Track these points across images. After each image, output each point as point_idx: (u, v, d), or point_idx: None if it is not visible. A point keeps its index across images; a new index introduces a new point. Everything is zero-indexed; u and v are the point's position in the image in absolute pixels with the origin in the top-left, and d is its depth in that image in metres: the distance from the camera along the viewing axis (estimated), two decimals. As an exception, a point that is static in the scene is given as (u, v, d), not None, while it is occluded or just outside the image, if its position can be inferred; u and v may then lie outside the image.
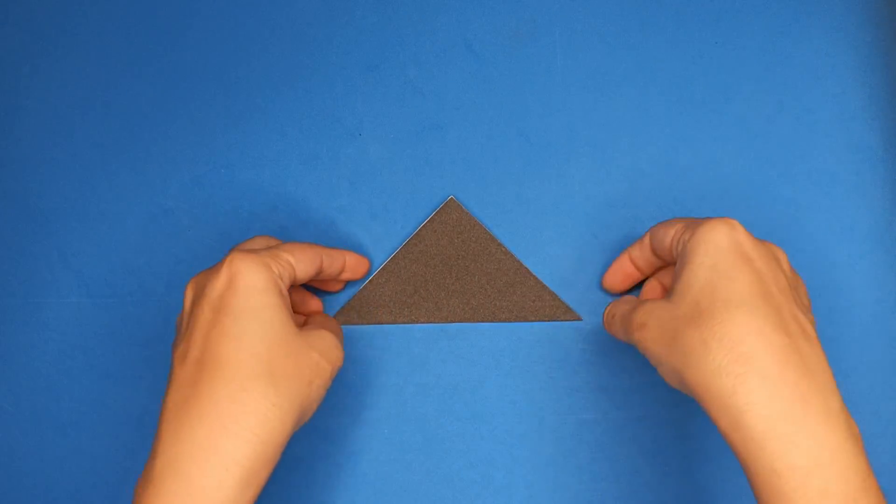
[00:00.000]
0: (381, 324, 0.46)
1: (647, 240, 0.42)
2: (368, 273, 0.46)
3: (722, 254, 0.35)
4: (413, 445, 0.46)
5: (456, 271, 0.46)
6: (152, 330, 0.47)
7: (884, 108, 0.47)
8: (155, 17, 0.49)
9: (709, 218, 0.37)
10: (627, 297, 0.42)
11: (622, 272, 0.44)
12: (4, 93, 0.49)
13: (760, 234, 0.46)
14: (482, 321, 0.46)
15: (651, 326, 0.36)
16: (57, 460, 0.46)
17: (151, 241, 0.47)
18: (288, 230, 0.47)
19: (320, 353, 0.37)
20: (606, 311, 0.42)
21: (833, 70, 0.48)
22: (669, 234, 0.39)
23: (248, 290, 0.36)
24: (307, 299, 0.45)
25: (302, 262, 0.40)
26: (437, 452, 0.45)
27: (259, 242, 0.41)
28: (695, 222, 0.37)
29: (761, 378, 0.32)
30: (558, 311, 0.46)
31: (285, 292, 0.38)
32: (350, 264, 0.44)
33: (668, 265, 0.43)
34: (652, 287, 0.44)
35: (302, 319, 0.44)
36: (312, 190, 0.48)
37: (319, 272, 0.42)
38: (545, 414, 0.46)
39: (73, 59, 0.49)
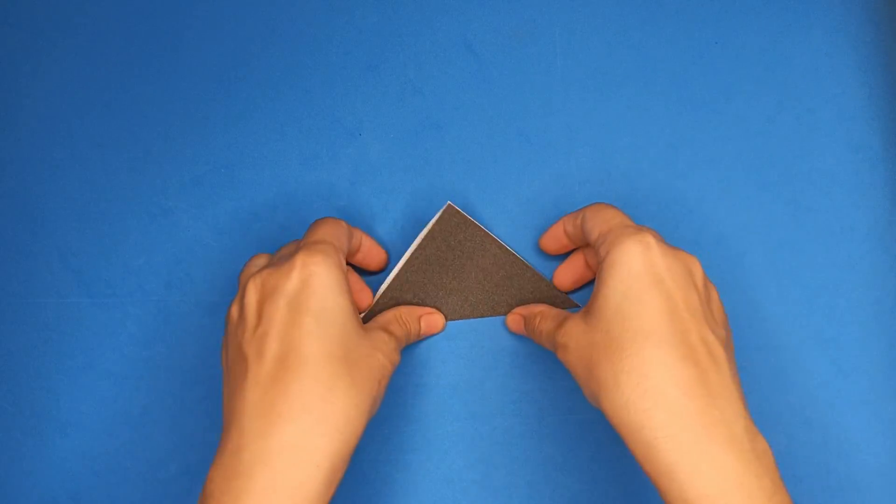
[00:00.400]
0: None
1: (580, 220, 0.41)
2: (378, 283, 0.46)
3: (634, 279, 0.35)
4: (413, 445, 0.46)
5: (453, 271, 0.46)
6: (152, 330, 0.47)
7: (884, 108, 0.47)
8: (155, 17, 0.49)
9: (625, 230, 0.37)
10: (551, 313, 0.42)
11: (556, 239, 0.44)
12: (4, 93, 0.49)
13: (761, 233, 0.46)
14: (481, 316, 0.46)
15: (571, 349, 0.37)
16: (57, 460, 0.46)
17: (151, 241, 0.47)
18: (288, 230, 0.47)
19: (384, 354, 0.39)
20: (535, 327, 0.42)
21: (833, 70, 0.48)
22: (594, 233, 0.39)
23: (324, 291, 0.37)
24: (358, 291, 0.45)
25: (344, 247, 0.41)
26: (437, 452, 0.45)
27: (291, 248, 0.41)
28: (613, 234, 0.37)
29: (667, 413, 0.33)
30: (556, 299, 0.46)
31: (350, 289, 0.39)
32: (366, 245, 0.45)
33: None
34: (575, 265, 0.45)
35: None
36: (312, 190, 0.48)
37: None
38: (545, 414, 0.46)
39: (73, 59, 0.49)
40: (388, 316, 0.43)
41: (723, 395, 0.34)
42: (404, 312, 0.44)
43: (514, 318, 0.45)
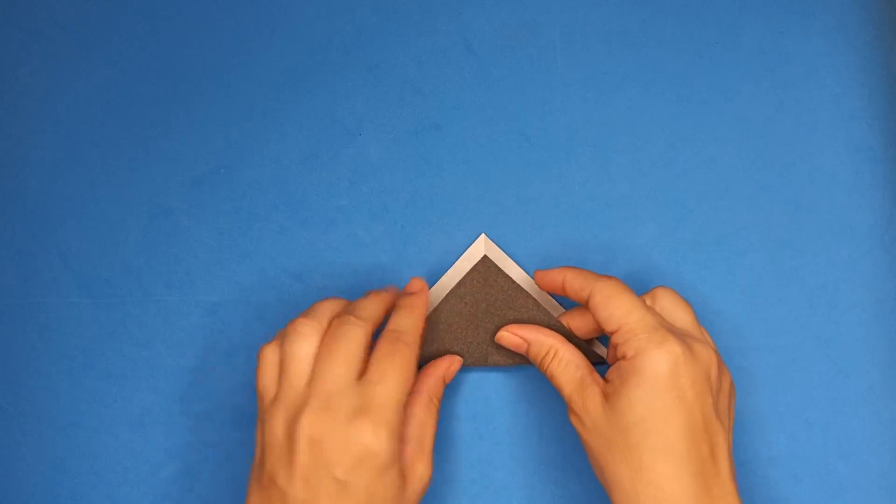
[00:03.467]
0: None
1: (586, 294, 0.41)
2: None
3: (659, 394, 0.37)
4: (413, 445, 0.45)
5: (484, 320, 0.45)
6: (152, 330, 0.47)
7: (884, 108, 0.47)
8: (155, 17, 0.49)
9: (651, 337, 0.38)
10: (566, 358, 0.41)
11: (552, 287, 0.43)
12: (4, 93, 0.49)
13: (761, 233, 0.46)
14: (512, 364, 0.45)
15: (587, 427, 0.39)
16: (57, 460, 0.46)
17: (151, 241, 0.47)
18: (288, 230, 0.47)
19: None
20: (546, 366, 0.42)
21: (833, 70, 0.48)
22: (610, 324, 0.40)
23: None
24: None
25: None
26: (437, 452, 0.45)
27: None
28: (638, 339, 0.38)
29: None
30: (586, 354, 0.45)
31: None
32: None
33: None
34: (586, 321, 0.43)
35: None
36: (312, 190, 0.48)
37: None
38: (545, 414, 0.46)
39: (73, 59, 0.49)
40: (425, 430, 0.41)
41: (723, 496, 0.38)
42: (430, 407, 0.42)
43: (511, 339, 0.44)
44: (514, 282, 0.45)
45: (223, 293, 0.47)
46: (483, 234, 0.47)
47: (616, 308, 0.39)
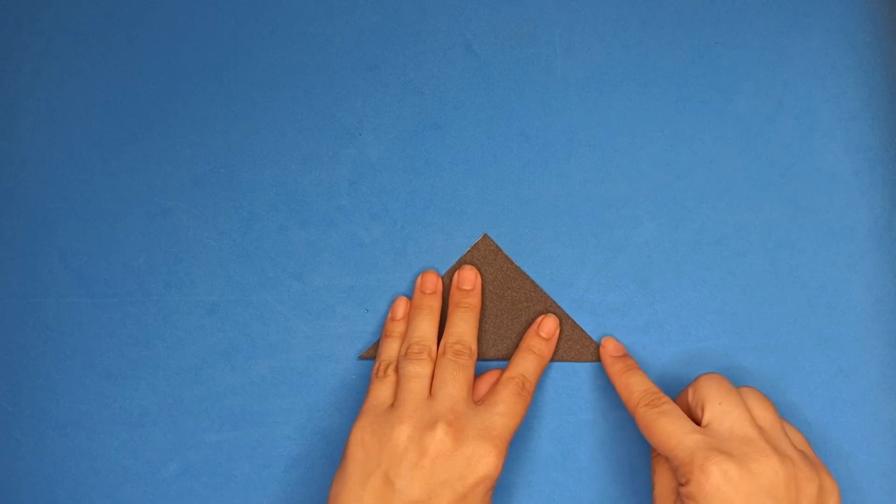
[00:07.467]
0: None
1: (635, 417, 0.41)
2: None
3: None
4: (413, 445, 0.45)
5: (490, 309, 0.46)
6: (152, 330, 0.47)
7: (884, 108, 0.47)
8: (154, 17, 0.49)
9: (703, 460, 0.37)
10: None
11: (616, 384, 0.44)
12: (4, 93, 0.49)
13: (761, 233, 0.46)
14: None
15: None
16: (57, 460, 0.46)
17: (151, 241, 0.47)
18: (288, 230, 0.47)
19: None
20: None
21: (833, 70, 0.48)
22: (662, 449, 0.39)
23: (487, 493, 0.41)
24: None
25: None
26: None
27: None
28: (690, 461, 0.37)
29: None
30: (582, 343, 0.45)
31: None
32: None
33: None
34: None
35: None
36: (312, 190, 0.48)
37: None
38: (545, 414, 0.46)
39: (73, 59, 0.49)
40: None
41: None
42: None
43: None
44: (512, 262, 0.46)
45: (223, 293, 0.47)
46: (485, 234, 0.47)
47: (661, 436, 0.39)
